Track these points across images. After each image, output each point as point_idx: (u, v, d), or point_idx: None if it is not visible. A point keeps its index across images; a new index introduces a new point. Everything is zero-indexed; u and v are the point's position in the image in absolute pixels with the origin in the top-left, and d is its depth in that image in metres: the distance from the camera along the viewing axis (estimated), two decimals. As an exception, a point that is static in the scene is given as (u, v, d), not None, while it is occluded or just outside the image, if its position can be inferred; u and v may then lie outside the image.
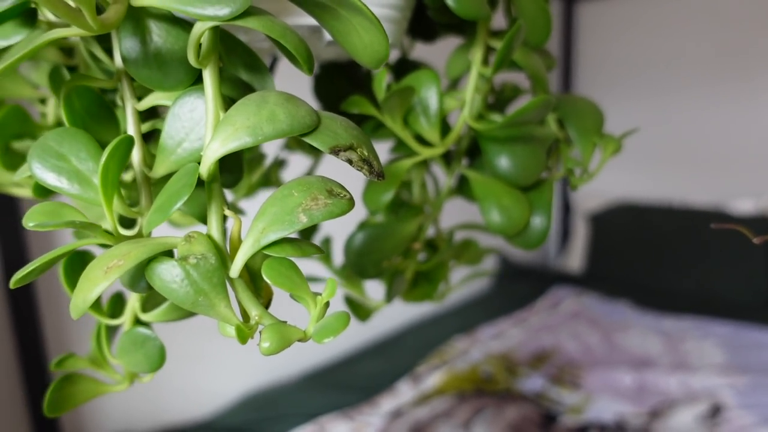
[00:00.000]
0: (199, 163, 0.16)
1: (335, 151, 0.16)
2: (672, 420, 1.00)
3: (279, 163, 0.36)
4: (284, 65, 0.26)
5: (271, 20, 0.15)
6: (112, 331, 0.23)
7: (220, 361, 1.15)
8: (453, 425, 0.99)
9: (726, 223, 0.19)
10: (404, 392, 1.13)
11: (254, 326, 0.15)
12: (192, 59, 0.16)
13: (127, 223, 0.18)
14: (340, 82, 0.27)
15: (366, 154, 0.16)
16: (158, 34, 0.17)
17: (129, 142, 0.15)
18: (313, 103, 0.29)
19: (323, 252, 0.16)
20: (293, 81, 0.27)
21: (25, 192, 0.24)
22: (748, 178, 1.67)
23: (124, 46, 0.17)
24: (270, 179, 0.35)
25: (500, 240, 0.31)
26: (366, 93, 0.26)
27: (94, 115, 0.18)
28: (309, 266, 0.23)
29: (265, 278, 0.15)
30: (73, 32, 0.15)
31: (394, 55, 0.25)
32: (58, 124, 0.23)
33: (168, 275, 0.15)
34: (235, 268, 0.16)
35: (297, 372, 1.28)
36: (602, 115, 0.26)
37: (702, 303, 1.52)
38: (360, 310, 0.32)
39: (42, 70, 0.22)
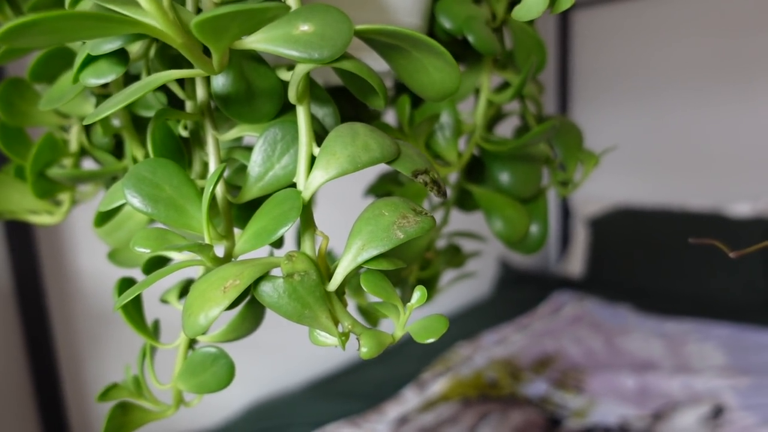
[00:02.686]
0: (296, 189, 0.17)
1: (415, 174, 0.18)
2: (675, 422, 1.01)
3: None
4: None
5: (358, 62, 0.17)
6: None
7: (227, 371, 1.17)
8: (459, 431, 1.00)
9: (704, 239, 0.20)
10: (409, 399, 1.14)
11: (348, 334, 0.17)
12: (292, 97, 0.18)
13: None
14: (341, 105, 0.30)
15: (436, 176, 0.18)
16: (249, 73, 0.18)
17: (223, 170, 0.17)
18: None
19: (405, 265, 0.18)
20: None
21: (41, 219, 0.25)
22: (745, 182, 1.69)
23: (217, 82, 0.18)
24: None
25: (489, 246, 0.33)
26: (364, 113, 0.28)
27: (168, 146, 0.20)
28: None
29: (363, 288, 0.17)
30: (192, 73, 0.16)
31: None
32: (82, 149, 0.25)
33: (276, 292, 0.16)
34: (335, 282, 0.17)
35: (303, 381, 1.29)
36: (581, 133, 0.28)
37: (702, 305, 1.53)
38: (370, 316, 0.34)
39: (76, 100, 0.23)
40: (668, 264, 1.69)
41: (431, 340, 0.17)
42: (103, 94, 0.23)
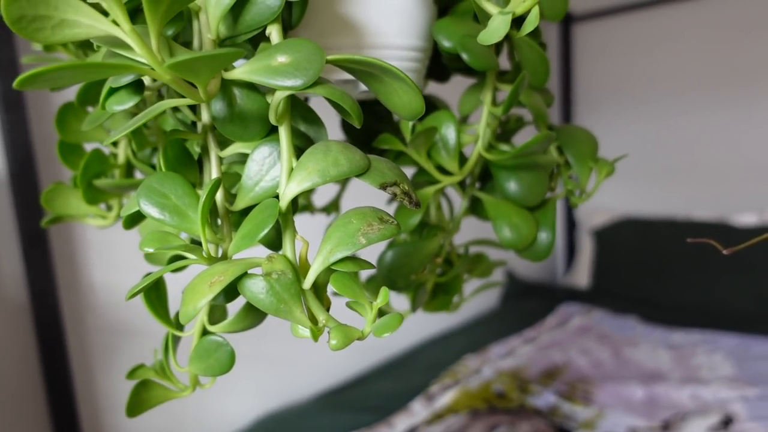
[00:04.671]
0: (275, 198, 0.19)
1: (383, 187, 0.20)
2: (684, 432, 1.01)
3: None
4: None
5: (331, 87, 0.19)
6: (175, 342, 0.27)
7: (237, 384, 1.17)
8: (467, 442, 1.01)
9: (700, 239, 0.22)
10: (418, 411, 1.14)
11: (322, 328, 0.19)
12: (272, 118, 0.20)
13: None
14: (365, 118, 0.31)
15: (407, 188, 0.20)
16: (240, 98, 0.21)
17: (218, 183, 0.19)
18: (340, 135, 0.32)
19: (374, 267, 0.20)
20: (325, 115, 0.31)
21: (99, 222, 0.28)
22: (750, 192, 1.70)
23: (214, 107, 0.21)
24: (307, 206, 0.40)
25: (509, 254, 0.34)
26: (388, 126, 0.30)
27: (181, 160, 0.22)
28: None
29: (331, 288, 0.19)
30: (182, 102, 0.19)
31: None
32: (128, 162, 0.27)
33: (256, 288, 0.18)
34: (308, 281, 0.19)
35: (312, 394, 1.29)
36: (596, 141, 0.29)
37: (710, 316, 1.53)
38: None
39: (116, 119, 0.26)
40: (675, 274, 1.69)
41: (387, 335, 0.18)
42: (135, 112, 0.25)
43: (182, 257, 0.26)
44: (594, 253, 1.91)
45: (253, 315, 0.24)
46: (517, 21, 0.28)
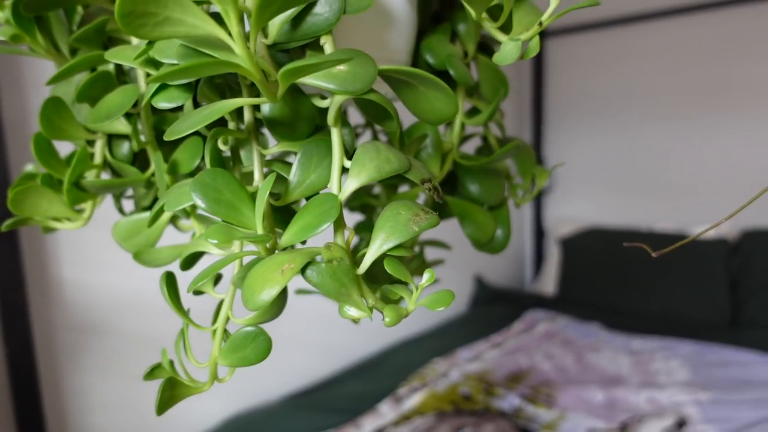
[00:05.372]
0: (333, 194, 0.21)
1: (422, 182, 0.22)
2: (640, 434, 1.05)
3: None
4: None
5: (380, 94, 0.21)
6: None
7: (205, 384, 1.17)
8: (433, 443, 1.03)
9: (636, 242, 0.24)
10: (386, 413, 1.16)
11: (372, 309, 0.21)
12: (331, 120, 0.22)
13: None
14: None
15: (436, 184, 0.22)
16: (291, 101, 0.22)
17: (273, 179, 0.21)
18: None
19: (418, 253, 0.22)
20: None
21: (63, 226, 0.28)
22: (708, 207, 1.77)
23: (267, 109, 0.23)
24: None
25: (478, 260, 0.36)
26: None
27: (215, 159, 0.23)
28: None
29: (387, 271, 0.21)
30: (257, 101, 0.20)
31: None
32: (105, 162, 0.28)
33: (320, 274, 0.20)
34: (364, 267, 0.21)
35: (281, 396, 1.30)
36: (533, 153, 0.33)
37: (668, 324, 1.59)
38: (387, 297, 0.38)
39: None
40: (637, 284, 1.75)
41: (441, 309, 0.20)
42: (132, 113, 0.26)
43: (200, 254, 0.28)
44: (561, 261, 1.96)
45: (276, 307, 0.25)
46: (480, 45, 0.31)
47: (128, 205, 0.39)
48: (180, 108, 0.25)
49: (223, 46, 0.19)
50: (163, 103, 0.21)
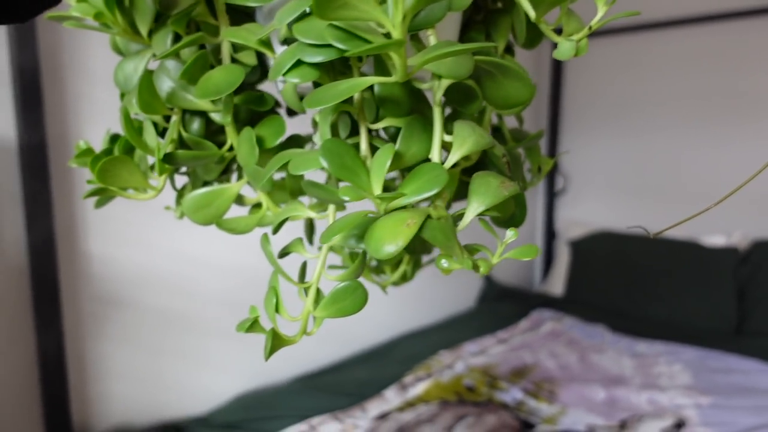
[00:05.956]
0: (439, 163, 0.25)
1: (504, 155, 0.26)
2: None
3: None
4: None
5: (473, 81, 0.25)
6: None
7: (218, 362, 1.22)
8: (436, 430, 1.06)
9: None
10: (391, 399, 1.20)
11: (468, 261, 0.24)
12: (436, 101, 0.25)
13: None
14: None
15: (509, 158, 0.26)
16: (399, 84, 0.26)
17: (393, 149, 0.24)
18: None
19: (506, 217, 0.26)
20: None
21: (141, 196, 0.30)
22: (720, 216, 1.78)
23: (379, 89, 0.26)
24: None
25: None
26: None
27: (335, 130, 0.27)
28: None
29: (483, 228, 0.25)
30: (388, 80, 0.23)
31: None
32: (179, 139, 0.31)
33: (434, 228, 0.23)
34: (463, 224, 0.25)
35: (290, 376, 1.34)
36: (539, 144, 0.36)
37: (674, 330, 1.61)
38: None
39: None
40: (644, 288, 1.77)
41: (527, 259, 0.24)
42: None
43: (283, 221, 0.31)
44: (570, 263, 1.98)
45: (360, 269, 0.28)
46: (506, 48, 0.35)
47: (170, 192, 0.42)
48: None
49: (373, 31, 0.22)
50: (294, 79, 0.23)
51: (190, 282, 1.14)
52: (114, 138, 0.35)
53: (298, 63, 0.24)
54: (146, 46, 0.30)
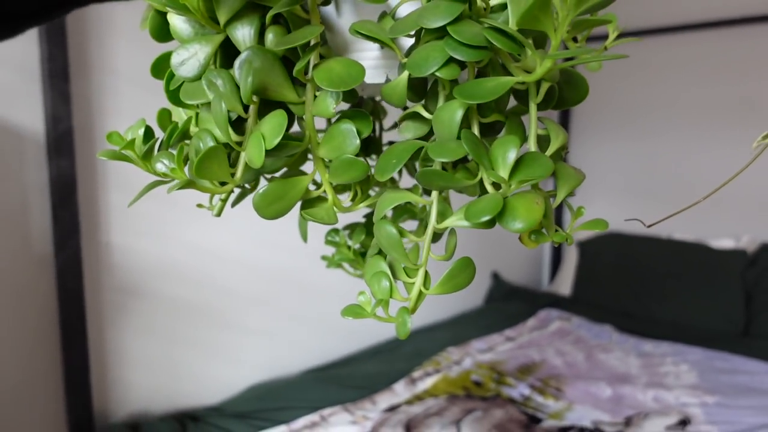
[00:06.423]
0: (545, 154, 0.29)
1: (564, 148, 0.30)
2: (644, 428, 1.09)
3: None
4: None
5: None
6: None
7: (232, 354, 1.25)
8: (444, 423, 1.08)
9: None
10: (400, 392, 1.22)
11: (561, 234, 0.28)
12: (535, 99, 0.28)
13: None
14: None
15: (568, 150, 0.30)
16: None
17: (516, 140, 0.27)
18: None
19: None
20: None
21: (218, 189, 0.30)
22: (729, 220, 1.79)
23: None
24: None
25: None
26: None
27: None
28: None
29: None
30: (525, 78, 0.26)
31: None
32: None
33: (547, 207, 0.27)
34: (556, 204, 0.28)
35: (301, 369, 1.37)
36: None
37: (680, 331, 1.62)
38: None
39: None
40: (652, 290, 1.78)
41: (597, 231, 0.27)
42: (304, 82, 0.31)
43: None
44: (578, 264, 1.99)
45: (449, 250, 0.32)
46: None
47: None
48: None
49: (518, 33, 0.25)
50: (442, 74, 0.26)
51: (206, 274, 1.17)
52: (148, 132, 0.35)
53: (449, 61, 0.26)
54: (211, 32, 0.29)
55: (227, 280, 1.21)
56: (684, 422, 1.11)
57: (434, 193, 0.30)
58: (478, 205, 0.26)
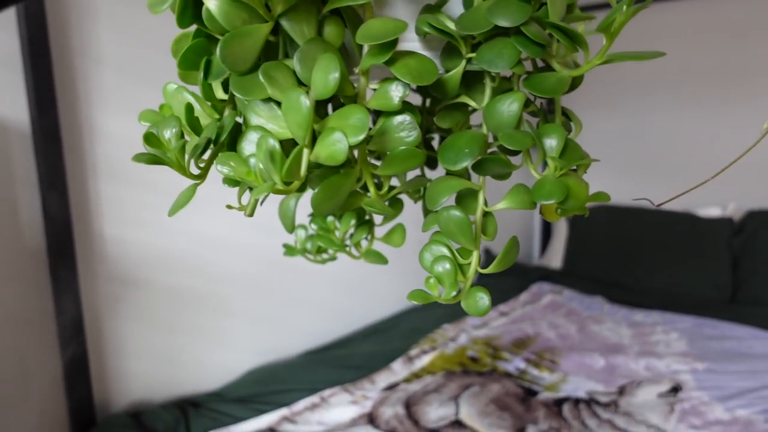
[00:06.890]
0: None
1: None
2: (637, 396, 1.12)
3: None
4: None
5: None
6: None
7: (231, 339, 1.25)
8: (442, 399, 1.10)
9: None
10: (398, 371, 1.24)
11: (584, 208, 0.30)
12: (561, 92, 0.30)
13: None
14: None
15: None
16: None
17: (560, 129, 0.31)
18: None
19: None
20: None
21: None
22: (715, 189, 1.81)
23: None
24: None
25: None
26: None
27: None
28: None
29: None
30: (576, 72, 0.29)
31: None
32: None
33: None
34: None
35: (300, 352, 1.38)
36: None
37: (670, 300, 1.65)
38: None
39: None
40: (642, 261, 1.81)
41: (603, 202, 0.29)
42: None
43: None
44: (568, 237, 2.01)
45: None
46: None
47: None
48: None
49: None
50: (516, 70, 0.29)
51: (201, 261, 1.17)
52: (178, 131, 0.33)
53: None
54: (258, 22, 0.27)
55: (223, 266, 1.20)
56: (675, 389, 1.14)
57: (482, 179, 0.32)
58: (545, 187, 0.29)
